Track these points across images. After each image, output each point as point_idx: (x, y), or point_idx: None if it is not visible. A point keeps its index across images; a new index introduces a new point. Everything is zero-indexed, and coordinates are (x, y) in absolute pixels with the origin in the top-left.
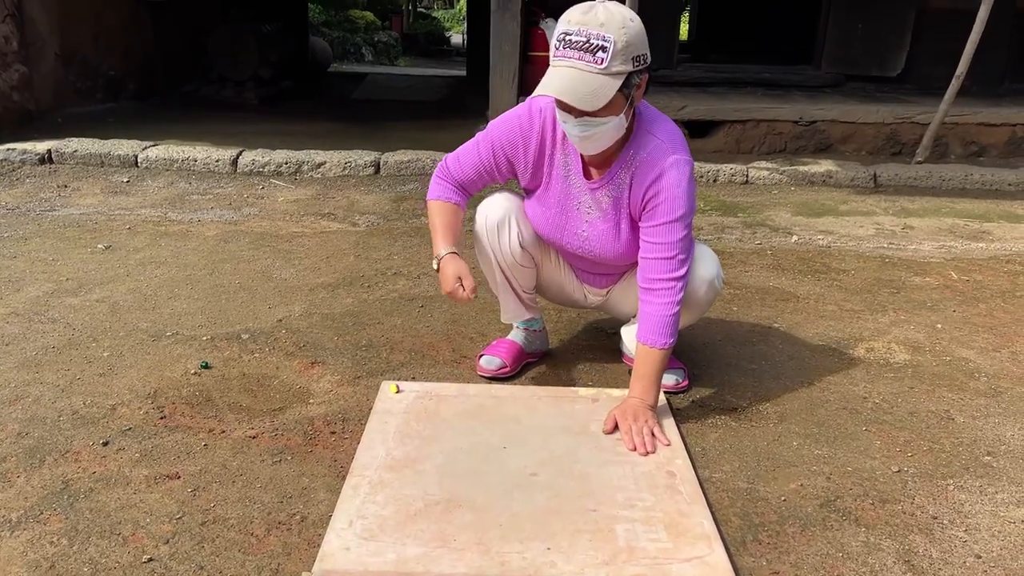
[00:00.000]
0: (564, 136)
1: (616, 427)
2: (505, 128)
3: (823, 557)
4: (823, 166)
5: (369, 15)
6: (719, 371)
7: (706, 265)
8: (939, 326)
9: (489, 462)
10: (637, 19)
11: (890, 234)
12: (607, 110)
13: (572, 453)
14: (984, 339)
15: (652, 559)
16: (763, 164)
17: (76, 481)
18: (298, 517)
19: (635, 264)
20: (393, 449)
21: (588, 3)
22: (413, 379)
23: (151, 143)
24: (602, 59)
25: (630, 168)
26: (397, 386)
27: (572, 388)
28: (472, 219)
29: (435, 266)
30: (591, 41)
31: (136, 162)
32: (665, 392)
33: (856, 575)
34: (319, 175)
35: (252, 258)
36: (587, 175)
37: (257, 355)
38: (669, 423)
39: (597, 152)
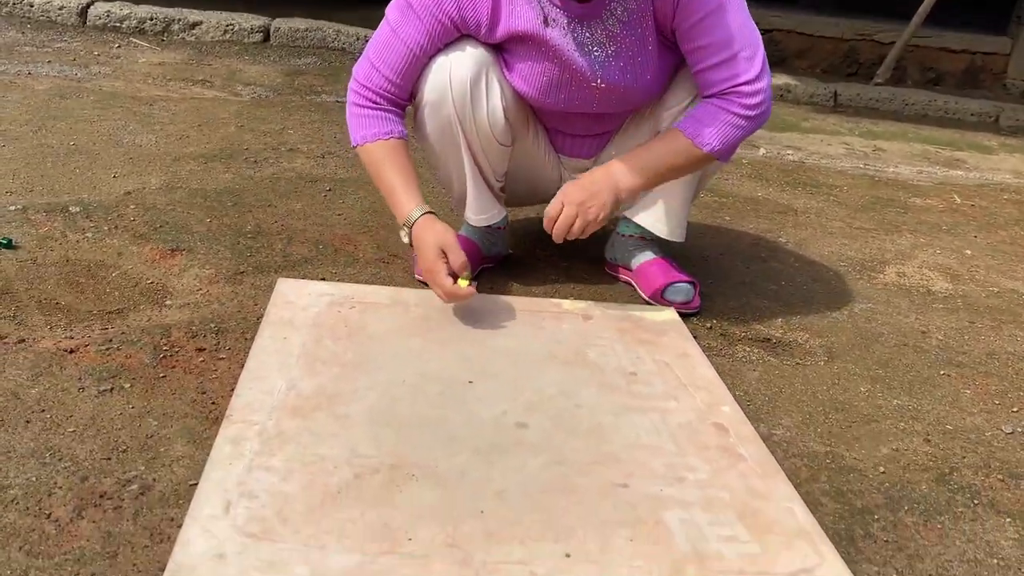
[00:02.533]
0: None
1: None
2: None
3: (972, 565)
4: (780, 79)
5: None
6: (733, 291)
7: None
8: (967, 252)
9: (450, 405)
10: None
11: (863, 155)
12: None
13: (570, 393)
14: None
15: (737, 575)
16: None
17: None
18: (135, 487)
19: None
20: (299, 380)
21: None
22: (323, 280)
23: None
24: None
25: None
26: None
27: (553, 300)
28: (419, 83)
29: (404, 237)
30: None
31: None
32: (677, 309)
33: None
34: (193, 38)
35: (97, 118)
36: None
37: (90, 235)
38: (693, 349)
39: None
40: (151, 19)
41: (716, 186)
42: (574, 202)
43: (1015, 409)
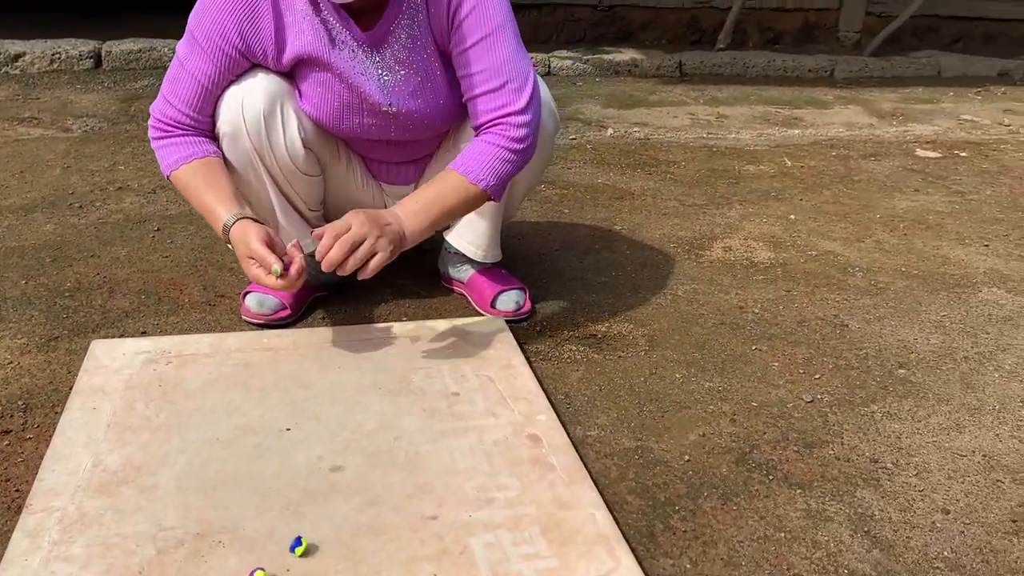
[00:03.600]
0: None
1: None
2: (216, 13)
3: (761, 542)
4: (627, 55)
5: None
6: (564, 288)
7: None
8: (792, 217)
9: (265, 457)
10: None
11: (706, 124)
12: None
13: (391, 424)
14: (843, 229)
15: None
16: (565, 53)
17: None
18: None
19: (449, 131)
20: (106, 454)
21: None
22: (144, 334)
23: None
24: None
25: None
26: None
27: (380, 325)
28: (216, 114)
29: (228, 243)
30: None
31: None
32: (506, 320)
33: (811, 564)
34: (17, 71)
35: None
36: (360, 24)
37: None
38: (517, 359)
39: None
40: None
41: (558, 177)
42: (367, 224)
43: (817, 376)
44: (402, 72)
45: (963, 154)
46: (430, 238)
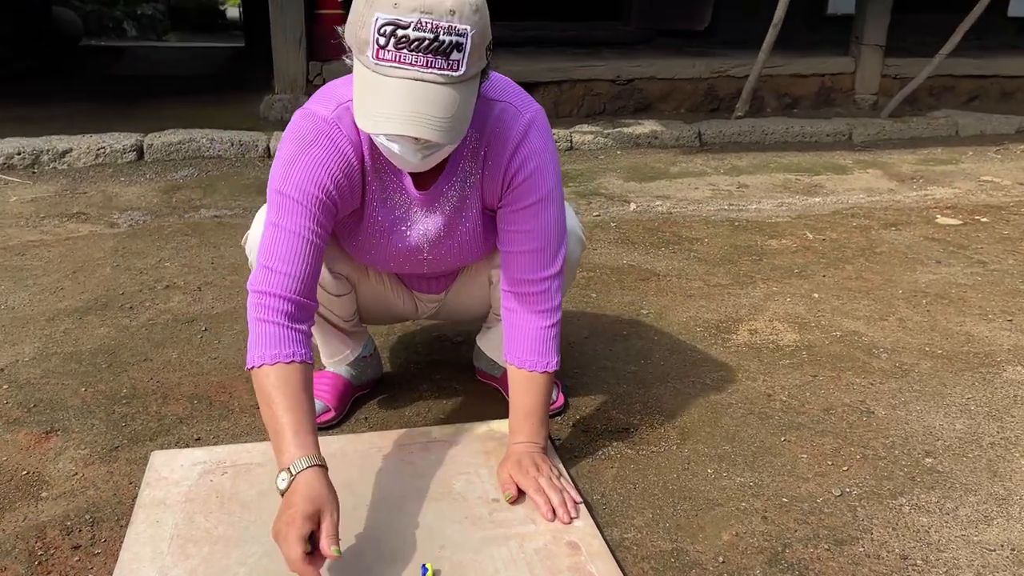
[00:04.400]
0: (373, 149)
1: (521, 492)
2: (311, 164)
3: None
4: (647, 126)
5: None
6: (595, 379)
7: (567, 215)
8: (815, 295)
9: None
10: None
11: (727, 195)
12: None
13: (435, 533)
14: (866, 306)
15: None
16: (586, 128)
17: None
18: None
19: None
20: (170, 568)
21: None
22: (198, 441)
23: None
24: (458, 62)
25: (478, 150)
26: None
27: (420, 429)
28: (246, 239)
29: (281, 483)
30: (441, 38)
31: None
32: None
33: None
34: (64, 166)
35: None
36: (416, 183)
37: None
38: (553, 460)
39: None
40: (18, 153)
41: (585, 259)
42: (533, 476)
43: (844, 468)
44: (445, 228)
45: (984, 219)
46: (464, 329)
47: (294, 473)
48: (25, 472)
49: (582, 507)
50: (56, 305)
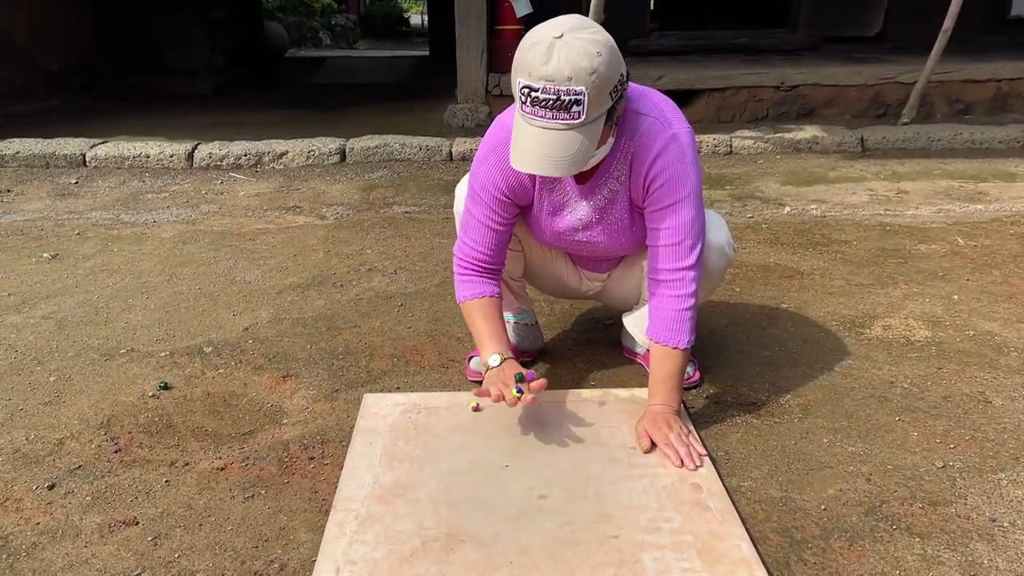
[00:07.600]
0: None
1: (653, 444)
2: (496, 163)
3: None
4: (808, 132)
5: None
6: (730, 361)
7: (715, 230)
8: (955, 297)
9: (491, 485)
10: (604, 44)
11: (885, 200)
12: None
13: (583, 468)
14: (1005, 309)
15: None
16: (746, 133)
17: (16, 535)
18: (277, 565)
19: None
20: (381, 475)
21: (544, 42)
22: (398, 389)
23: (99, 140)
24: (578, 113)
25: (626, 156)
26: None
27: (575, 391)
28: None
29: (491, 363)
30: (562, 98)
31: (84, 161)
32: None
33: None
34: (281, 166)
35: (213, 260)
36: (578, 180)
37: (222, 371)
38: (686, 422)
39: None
40: (245, 155)
41: (735, 257)
42: (664, 431)
43: (952, 446)
44: (596, 215)
45: None
46: (614, 313)
47: (489, 368)
48: (270, 405)
49: (706, 459)
50: (283, 281)
